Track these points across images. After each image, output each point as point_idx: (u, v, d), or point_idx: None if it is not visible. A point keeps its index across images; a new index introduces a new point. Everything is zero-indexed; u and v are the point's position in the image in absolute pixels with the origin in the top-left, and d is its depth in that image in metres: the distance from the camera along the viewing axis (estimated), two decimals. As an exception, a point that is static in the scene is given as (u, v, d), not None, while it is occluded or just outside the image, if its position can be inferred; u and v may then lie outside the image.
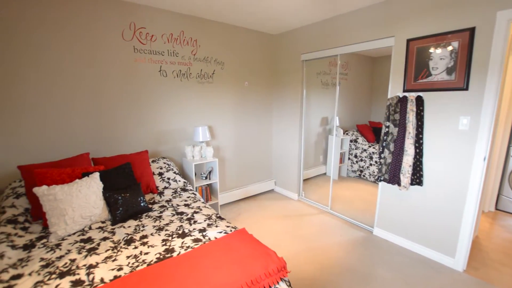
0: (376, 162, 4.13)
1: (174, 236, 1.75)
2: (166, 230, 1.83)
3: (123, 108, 2.71)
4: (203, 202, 2.35)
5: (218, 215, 2.07)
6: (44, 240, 1.70)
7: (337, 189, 4.05)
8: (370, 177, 4.26)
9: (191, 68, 3.15)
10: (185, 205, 2.27)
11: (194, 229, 1.84)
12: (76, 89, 2.43)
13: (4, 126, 2.14)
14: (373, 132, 4.41)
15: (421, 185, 2.43)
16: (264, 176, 4.21)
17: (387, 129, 2.52)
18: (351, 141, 4.45)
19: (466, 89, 2.09)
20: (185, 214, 2.08)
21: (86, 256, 1.53)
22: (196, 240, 1.69)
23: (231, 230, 1.81)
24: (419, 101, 2.34)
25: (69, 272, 1.39)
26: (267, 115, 4.10)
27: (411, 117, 2.35)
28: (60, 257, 1.52)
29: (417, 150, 2.40)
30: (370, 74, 4.33)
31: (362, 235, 2.86)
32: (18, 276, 1.36)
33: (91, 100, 2.51)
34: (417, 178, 2.43)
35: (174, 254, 1.54)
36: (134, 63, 2.72)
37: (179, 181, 2.72)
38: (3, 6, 2.04)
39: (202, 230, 1.82)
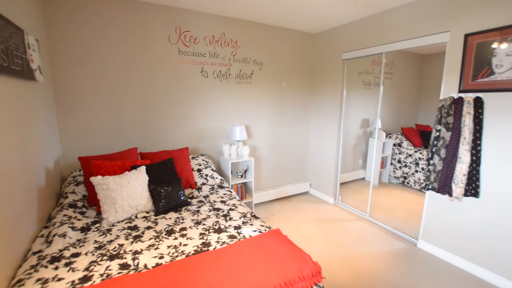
0: (423, 168, 3.80)
1: (210, 230, 1.82)
2: (204, 224, 1.91)
3: (167, 107, 2.89)
4: (238, 200, 2.40)
5: (252, 214, 2.10)
6: (98, 225, 1.88)
7: (377, 195, 3.82)
8: (415, 185, 3.94)
9: (231, 69, 3.23)
10: (222, 201, 2.34)
11: (229, 225, 1.89)
12: (128, 90, 2.65)
13: (70, 122, 2.44)
14: (420, 136, 4.06)
15: (477, 197, 2.18)
16: (299, 178, 4.15)
17: (438, 133, 2.31)
18: (394, 145, 4.16)
19: (540, 89, 1.82)
20: (221, 211, 2.14)
21: (132, 243, 1.66)
22: (232, 237, 1.73)
23: (265, 230, 1.82)
24: (478, 103, 2.10)
25: (117, 256, 1.52)
26: (304, 115, 4.04)
27: (467, 121, 2.11)
28: (110, 241, 1.68)
29: (474, 158, 2.15)
30: (418, 73, 4.00)
31: (404, 247, 2.66)
32: (76, 255, 1.53)
33: (140, 99, 2.73)
34: (472, 188, 2.18)
35: (211, 248, 1.60)
36: (179, 64, 2.88)
37: (216, 178, 2.81)
38: (76, 14, 2.32)
39: (237, 227, 1.85)
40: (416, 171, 3.89)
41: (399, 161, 4.13)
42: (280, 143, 3.86)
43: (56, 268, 1.39)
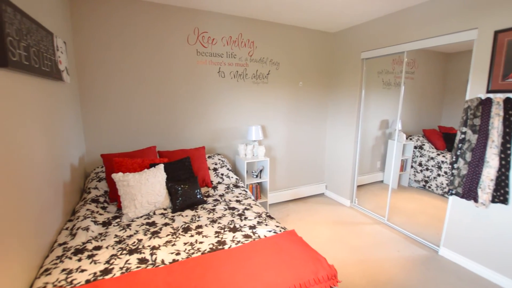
0: (446, 172, 3.64)
1: (226, 229, 1.84)
2: (219, 223, 1.93)
3: (185, 107, 2.95)
4: (253, 200, 2.41)
5: (267, 214, 2.10)
6: (118, 220, 1.96)
7: (396, 199, 3.70)
8: (437, 189, 3.78)
9: (247, 69, 3.25)
10: (237, 201, 2.36)
11: (244, 225, 1.90)
12: (148, 90, 2.73)
13: (93, 121, 2.55)
14: (443, 139, 3.89)
15: (506, 204, 2.05)
16: (314, 179, 4.10)
17: (463, 136, 2.20)
18: (415, 147, 4.01)
19: None
20: (236, 210, 2.16)
21: (150, 238, 1.71)
22: (246, 236, 1.74)
23: (280, 230, 1.81)
24: (509, 104, 1.98)
25: (136, 250, 1.57)
26: (321, 116, 3.98)
27: (496, 123, 2.00)
28: (130, 236, 1.74)
29: (503, 162, 2.03)
30: (442, 73, 3.83)
31: (424, 254, 2.55)
32: (98, 248, 1.59)
33: (159, 99, 2.80)
34: (501, 195, 2.06)
35: (226, 247, 1.62)
36: (197, 65, 2.93)
37: (232, 177, 2.84)
38: (102, 20, 2.42)
39: (252, 227, 1.86)
40: (439, 175, 3.73)
41: (420, 164, 3.98)
42: (296, 143, 3.83)
43: (80, 260, 1.46)
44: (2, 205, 1.12)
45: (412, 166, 4.08)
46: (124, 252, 1.56)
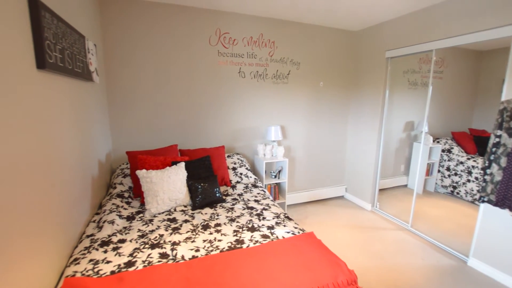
0: (477, 178, 3.42)
1: (244, 228, 1.85)
2: (237, 222, 1.95)
3: (206, 107, 3.00)
4: (272, 200, 2.40)
5: (286, 215, 2.08)
6: (141, 215, 2.03)
7: (421, 204, 3.53)
8: (466, 196, 3.56)
9: (268, 69, 3.24)
10: (255, 200, 2.36)
11: (263, 225, 1.90)
12: (171, 90, 2.82)
13: (119, 119, 2.67)
14: (474, 142, 3.65)
15: (547, 214, 1.89)
16: (334, 181, 4.02)
17: (497, 139, 2.05)
18: (443, 150, 3.80)
19: None
20: (254, 210, 2.16)
21: (171, 234, 1.76)
22: (265, 236, 1.74)
23: (298, 232, 1.79)
24: (552, 106, 1.82)
25: (158, 245, 1.63)
26: (342, 116, 3.89)
27: (536, 126, 1.85)
28: (152, 231, 1.80)
29: (544, 169, 1.87)
30: (474, 72, 3.60)
31: (451, 264, 2.42)
32: (122, 241, 1.66)
33: (181, 99, 2.88)
34: (540, 204, 1.90)
35: (244, 246, 1.63)
36: (218, 65, 2.98)
37: (251, 177, 2.85)
38: (135, 25, 2.54)
39: (270, 227, 1.86)
40: (468, 180, 3.51)
41: (448, 169, 3.77)
42: (316, 144, 3.77)
43: (105, 252, 1.54)
44: (39, 198, 1.20)
45: (439, 171, 3.88)
46: (147, 246, 1.62)
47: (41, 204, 1.23)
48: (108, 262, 1.45)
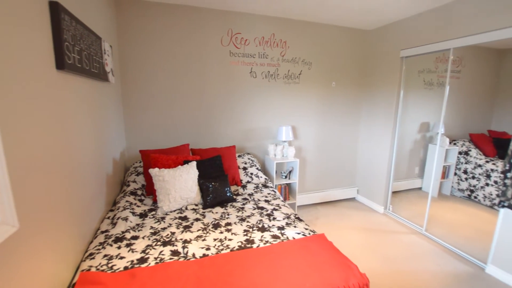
0: (496, 182, 3.29)
1: (254, 228, 1.85)
2: (248, 221, 1.95)
3: (217, 107, 3.03)
4: (282, 201, 2.40)
5: (296, 216, 2.07)
6: (153, 212, 2.07)
7: (436, 208, 3.43)
8: (484, 200, 3.43)
9: (279, 69, 3.24)
10: (265, 201, 2.36)
11: (273, 225, 1.89)
12: (182, 90, 2.86)
13: (133, 118, 2.73)
14: (493, 144, 3.51)
15: None
16: (346, 182, 3.96)
17: (519, 142, 1.97)
18: (460, 153, 3.68)
19: None
20: (265, 210, 2.16)
21: (182, 232, 1.78)
22: (275, 237, 1.73)
23: (309, 233, 1.78)
24: None
25: (169, 243, 1.65)
26: (354, 117, 3.83)
27: (562, 128, 1.76)
28: (164, 229, 1.83)
29: None
30: (494, 71, 3.46)
31: (468, 270, 2.33)
32: (135, 237, 1.70)
33: (192, 99, 2.91)
34: None
35: (254, 246, 1.63)
36: (229, 66, 2.99)
37: (261, 177, 2.85)
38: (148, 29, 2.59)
39: (280, 228, 1.85)
40: (487, 184, 3.38)
41: (465, 172, 3.64)
42: (327, 145, 3.73)
43: (119, 248, 1.57)
44: (58, 195, 1.25)
45: (455, 174, 3.75)
46: (159, 243, 1.64)
47: (60, 200, 1.27)
48: (121, 257, 1.48)
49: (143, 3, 2.57)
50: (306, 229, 1.85)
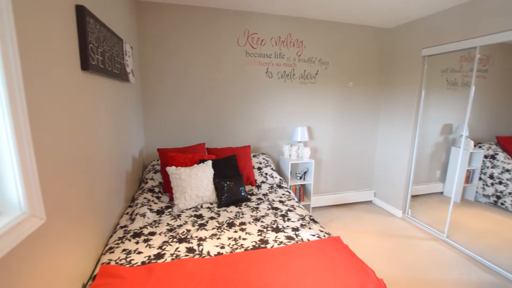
0: (526, 188, 3.09)
1: (268, 228, 1.85)
2: (262, 221, 1.95)
3: (233, 107, 3.05)
4: (296, 202, 2.38)
5: (311, 217, 2.04)
6: (170, 210, 2.12)
7: (459, 214, 3.27)
8: (513, 207, 3.24)
9: (295, 69, 3.21)
10: (280, 201, 2.35)
11: (287, 226, 1.88)
12: (200, 90, 2.90)
13: (152, 118, 2.81)
14: (523, 148, 3.31)
15: None
16: (362, 185, 3.87)
17: (554, 146, 1.84)
18: (486, 156, 3.49)
19: None
20: (279, 210, 2.15)
21: (198, 230, 1.81)
22: (289, 238, 1.72)
23: (324, 236, 1.75)
24: None
25: (185, 240, 1.68)
26: (372, 118, 3.74)
27: None
28: (180, 226, 1.86)
29: None
30: (525, 71, 3.26)
31: (493, 281, 2.21)
32: (152, 233, 1.74)
33: (209, 99, 2.95)
34: None
35: (268, 246, 1.62)
36: (245, 66, 3.01)
37: (276, 177, 2.84)
38: (164, 32, 2.66)
39: (295, 229, 1.84)
40: (516, 190, 3.19)
41: (491, 177, 3.45)
42: (344, 146, 3.66)
43: (137, 243, 1.62)
44: (82, 192, 1.30)
45: (480, 178, 3.56)
46: (175, 240, 1.68)
47: (83, 195, 1.33)
48: (139, 252, 1.53)
49: (163, 5, 2.63)
50: (321, 231, 1.82)
